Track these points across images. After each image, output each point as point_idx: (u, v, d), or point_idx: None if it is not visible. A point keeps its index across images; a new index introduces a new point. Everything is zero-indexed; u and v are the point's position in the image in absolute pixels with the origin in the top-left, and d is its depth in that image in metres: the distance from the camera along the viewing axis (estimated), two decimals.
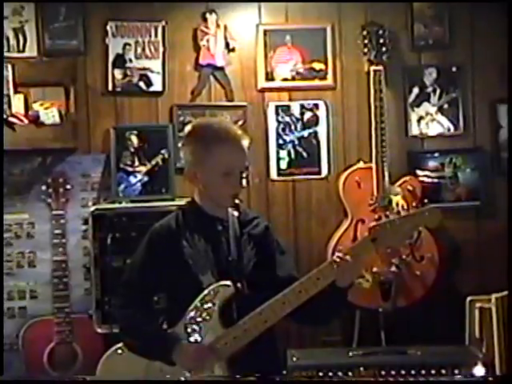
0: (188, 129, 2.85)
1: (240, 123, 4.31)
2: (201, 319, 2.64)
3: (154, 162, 4.32)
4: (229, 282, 2.63)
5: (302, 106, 4.47)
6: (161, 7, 4.39)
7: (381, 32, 4.31)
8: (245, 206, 2.85)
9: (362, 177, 4.26)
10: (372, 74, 4.28)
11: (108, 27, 4.35)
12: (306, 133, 4.47)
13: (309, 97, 4.48)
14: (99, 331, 3.96)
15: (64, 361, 4.12)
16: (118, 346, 2.80)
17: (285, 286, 2.61)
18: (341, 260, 2.56)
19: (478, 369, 3.57)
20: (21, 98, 4.21)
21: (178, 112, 4.39)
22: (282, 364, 2.94)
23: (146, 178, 4.32)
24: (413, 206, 2.68)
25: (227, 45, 4.39)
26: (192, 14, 4.40)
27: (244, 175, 2.73)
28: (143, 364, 2.70)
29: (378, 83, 4.25)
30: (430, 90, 4.50)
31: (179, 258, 2.70)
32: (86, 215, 4.14)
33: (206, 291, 2.65)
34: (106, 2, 4.37)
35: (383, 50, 4.29)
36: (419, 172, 4.45)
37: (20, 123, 4.10)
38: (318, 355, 3.83)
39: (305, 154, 4.47)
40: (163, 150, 4.33)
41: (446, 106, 4.51)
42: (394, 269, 4.12)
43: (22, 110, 4.19)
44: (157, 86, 4.39)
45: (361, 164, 4.33)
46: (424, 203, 2.63)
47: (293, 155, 4.46)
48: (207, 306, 2.63)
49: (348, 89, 4.49)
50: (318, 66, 4.46)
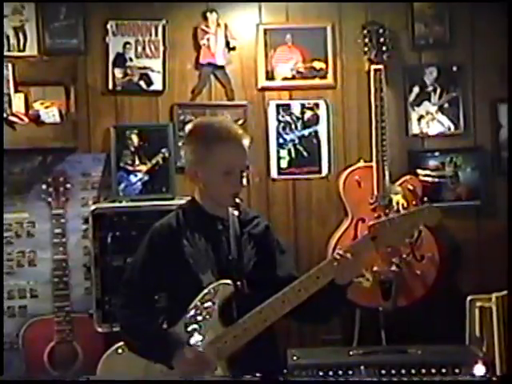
0: (189, 128, 2.87)
1: (240, 122, 4.31)
2: (201, 318, 2.64)
3: (154, 161, 4.32)
4: (229, 281, 2.64)
5: (303, 105, 4.46)
6: (161, 6, 4.38)
7: (381, 31, 4.30)
8: (245, 205, 2.85)
9: (362, 176, 4.26)
10: (372, 73, 4.28)
11: (108, 26, 4.34)
12: (306, 132, 4.47)
13: (309, 96, 4.47)
14: (99, 330, 3.95)
15: (64, 360, 4.11)
16: (119, 346, 2.81)
17: (285, 285, 2.61)
18: (341, 258, 2.56)
19: (479, 368, 3.57)
20: (21, 97, 4.20)
21: (178, 111, 4.39)
22: (282, 363, 2.94)
23: (146, 177, 4.32)
24: (413, 205, 2.68)
25: (227, 44, 4.39)
26: (192, 13, 4.40)
27: (244, 174, 2.73)
28: (143, 363, 2.70)
29: (378, 82, 4.25)
30: (430, 89, 4.50)
31: (180, 257, 2.71)
32: (86, 214, 4.12)
33: (206, 290, 2.65)
34: (106, 2, 4.37)
35: (383, 49, 4.29)
36: (420, 171, 4.45)
37: (20, 122, 4.10)
38: (319, 354, 3.82)
39: (305, 153, 4.46)
40: (163, 149, 4.33)
41: (446, 105, 4.50)
42: (394, 268, 4.12)
43: (23, 109, 4.19)
44: (157, 85, 4.39)
45: (361, 163, 4.33)
46: (424, 202, 2.64)
47: (293, 154, 4.46)
48: (207, 304, 2.64)
49: (348, 88, 4.49)
50: (318, 65, 4.46)
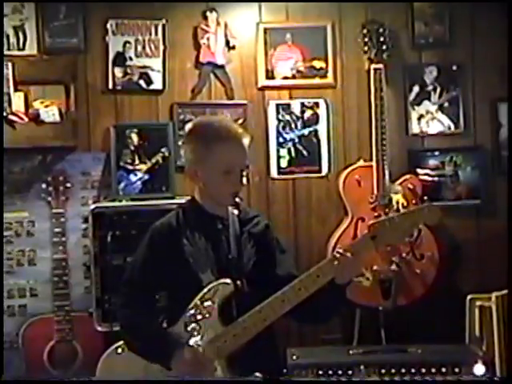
0: (189, 127, 2.86)
1: (240, 121, 4.31)
2: (201, 317, 2.64)
3: (154, 161, 4.32)
4: (228, 280, 2.64)
5: (303, 105, 4.46)
6: (161, 5, 4.38)
7: (381, 30, 4.30)
8: (245, 204, 2.84)
9: (362, 175, 4.25)
10: (372, 72, 4.28)
11: (108, 25, 4.34)
12: (306, 131, 4.46)
13: (309, 95, 4.47)
14: (99, 329, 3.95)
15: (64, 359, 4.11)
16: (118, 345, 2.80)
17: (284, 284, 2.61)
18: (340, 257, 2.56)
19: (478, 367, 3.58)
20: (21, 96, 4.20)
21: (178, 110, 4.38)
22: (282, 362, 2.94)
23: (146, 177, 4.32)
24: (413, 205, 2.68)
25: (227, 43, 4.39)
26: (192, 12, 4.39)
27: (244, 173, 2.73)
28: (143, 363, 2.69)
29: (378, 81, 4.25)
30: (430, 88, 4.50)
31: (179, 256, 2.71)
32: (86, 213, 4.13)
33: (205, 289, 2.65)
34: (106, 1, 4.36)
35: (383, 48, 4.29)
36: (419, 170, 4.45)
37: (20, 121, 4.10)
38: (318, 354, 3.83)
39: (305, 153, 4.46)
40: (163, 149, 4.33)
41: (446, 104, 4.50)
42: (394, 267, 4.12)
43: (22, 108, 4.19)
44: (157, 84, 4.38)
45: (361, 162, 4.33)
46: (424, 201, 2.63)
47: (293, 153, 4.46)
48: (207, 303, 2.63)
49: (348, 87, 4.49)
50: (318, 64, 4.45)
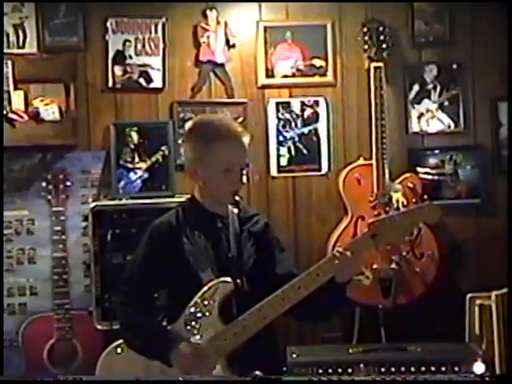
0: (189, 125, 2.87)
1: (240, 120, 4.31)
2: (201, 315, 2.64)
3: (154, 159, 4.32)
4: (228, 279, 2.64)
5: (303, 103, 4.46)
6: (161, 4, 4.38)
7: (381, 29, 4.30)
8: (245, 202, 2.85)
9: (362, 174, 4.25)
10: (372, 70, 4.28)
11: (108, 24, 4.34)
12: (306, 130, 4.46)
13: (309, 93, 4.47)
14: (99, 328, 3.95)
15: (64, 357, 4.11)
16: (118, 343, 2.81)
17: (284, 282, 2.61)
18: (340, 255, 2.56)
19: (478, 366, 3.57)
20: (21, 94, 4.20)
21: (178, 109, 4.38)
22: (282, 361, 2.94)
23: (146, 175, 4.31)
24: (413, 203, 2.68)
25: (227, 41, 4.39)
26: (192, 10, 4.39)
27: (244, 172, 2.73)
28: (143, 361, 2.70)
29: (378, 80, 4.25)
30: (430, 87, 4.49)
31: (179, 254, 2.71)
32: (85, 212, 4.13)
33: (205, 288, 2.65)
34: (105, 0, 4.37)
35: (383, 46, 4.29)
36: (419, 169, 4.44)
37: (20, 120, 4.10)
38: (318, 352, 3.83)
39: (305, 151, 4.46)
40: (163, 147, 4.33)
41: (446, 103, 4.50)
42: (394, 266, 4.12)
43: (22, 106, 4.19)
44: (157, 83, 4.38)
45: (361, 161, 4.33)
46: (424, 200, 2.63)
47: (293, 152, 4.46)
48: (207, 302, 2.63)
49: (348, 86, 4.49)
50: (318, 62, 4.45)
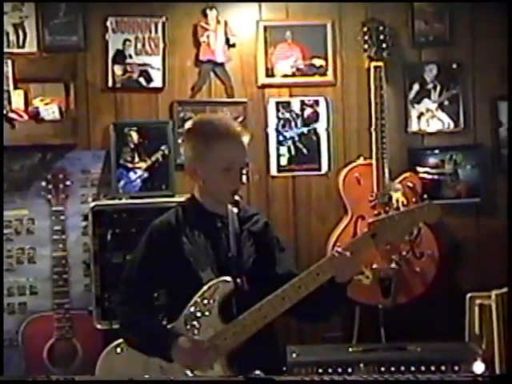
0: (188, 125, 2.86)
1: (240, 119, 4.31)
2: (200, 315, 2.64)
3: (154, 159, 4.32)
4: (228, 278, 2.64)
5: (303, 103, 4.46)
6: (161, 3, 4.37)
7: (381, 28, 4.30)
8: (245, 202, 2.85)
9: (362, 173, 4.25)
10: (372, 70, 4.27)
11: (108, 23, 4.34)
12: (306, 129, 4.46)
13: (309, 93, 4.47)
14: (99, 327, 3.95)
15: (64, 357, 4.11)
16: (118, 343, 2.80)
17: (284, 282, 2.61)
18: (340, 255, 2.56)
19: (478, 365, 3.57)
20: (21, 93, 4.20)
21: (178, 108, 4.38)
22: (282, 360, 2.94)
23: (145, 175, 4.31)
24: (413, 203, 2.68)
25: (227, 41, 4.39)
26: (192, 10, 4.39)
27: (244, 171, 2.73)
28: (142, 360, 2.70)
29: (378, 80, 4.25)
30: (430, 86, 4.49)
31: (179, 254, 2.71)
32: (85, 211, 4.13)
33: (205, 287, 2.65)
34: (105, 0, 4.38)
35: (383, 46, 4.29)
36: (419, 168, 4.44)
37: (20, 119, 4.10)
38: (318, 351, 3.83)
39: (305, 151, 4.46)
40: (163, 147, 4.33)
41: (446, 102, 4.50)
42: (393, 265, 4.12)
43: (22, 105, 4.18)
44: (157, 82, 4.38)
45: (361, 160, 4.33)
46: (423, 199, 2.63)
47: (293, 151, 4.46)
48: (207, 301, 2.63)
49: (348, 85, 4.49)
50: (318, 62, 4.45)
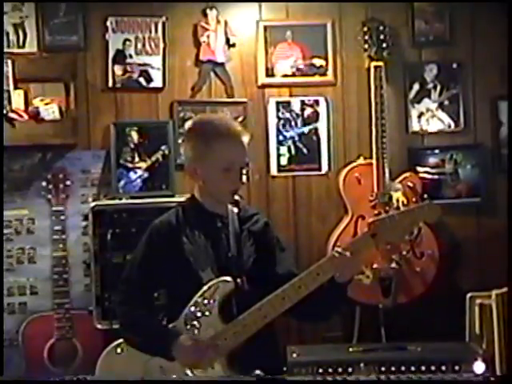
0: (188, 125, 2.87)
1: (240, 119, 4.31)
2: (201, 315, 2.64)
3: (154, 158, 4.32)
4: (229, 278, 2.64)
5: (303, 102, 4.46)
6: (161, 3, 4.37)
7: (381, 28, 4.30)
8: (245, 202, 2.85)
9: (362, 173, 4.25)
10: (372, 70, 4.27)
11: (108, 23, 4.33)
12: (306, 129, 4.46)
13: (309, 93, 4.47)
14: (99, 327, 3.95)
15: (64, 357, 4.11)
16: (118, 343, 2.80)
17: (284, 282, 2.61)
18: (340, 255, 2.56)
19: (478, 365, 3.57)
20: (21, 93, 4.20)
21: (178, 108, 4.38)
22: (282, 360, 2.94)
23: (146, 174, 4.31)
24: (413, 202, 2.68)
25: (227, 41, 4.38)
26: (192, 9, 4.38)
27: (244, 171, 2.74)
28: (142, 360, 2.70)
29: (378, 79, 4.25)
30: (430, 86, 4.49)
31: (179, 254, 2.71)
32: (86, 211, 4.13)
33: (205, 287, 2.65)
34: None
35: (384, 46, 4.29)
36: (419, 168, 4.44)
37: (20, 119, 4.10)
38: (318, 351, 3.81)
39: (305, 151, 4.46)
40: (163, 146, 4.32)
41: (446, 102, 4.50)
42: (394, 265, 4.12)
43: (22, 105, 4.18)
44: (157, 82, 4.38)
45: (361, 160, 4.33)
46: (424, 199, 2.63)
47: (293, 151, 4.45)
48: (207, 301, 2.64)
49: (348, 85, 4.48)
50: (318, 62, 4.45)
